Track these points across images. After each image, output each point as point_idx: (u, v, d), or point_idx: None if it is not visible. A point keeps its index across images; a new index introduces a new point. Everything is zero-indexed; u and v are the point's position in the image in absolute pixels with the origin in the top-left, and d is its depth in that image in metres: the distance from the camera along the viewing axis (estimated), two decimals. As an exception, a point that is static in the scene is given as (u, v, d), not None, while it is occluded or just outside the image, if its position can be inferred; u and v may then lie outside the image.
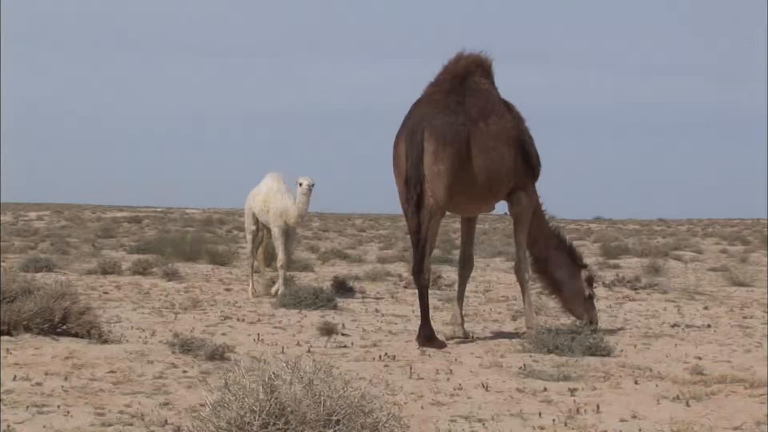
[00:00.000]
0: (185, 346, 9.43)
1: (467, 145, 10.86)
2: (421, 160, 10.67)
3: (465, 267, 11.73)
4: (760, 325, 12.89)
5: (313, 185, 14.96)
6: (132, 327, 11.43)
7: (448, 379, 8.64)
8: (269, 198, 15.36)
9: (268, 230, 15.59)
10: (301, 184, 14.94)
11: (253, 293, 15.31)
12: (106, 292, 15.26)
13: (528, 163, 11.48)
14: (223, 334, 11.16)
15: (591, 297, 11.84)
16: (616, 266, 24.47)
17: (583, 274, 11.83)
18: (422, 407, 7.54)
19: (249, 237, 15.96)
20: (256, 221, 15.74)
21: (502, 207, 11.84)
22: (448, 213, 11.47)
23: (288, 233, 15.29)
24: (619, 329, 12.33)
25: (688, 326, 12.68)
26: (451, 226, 39.78)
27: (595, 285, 12.32)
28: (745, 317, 13.75)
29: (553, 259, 11.85)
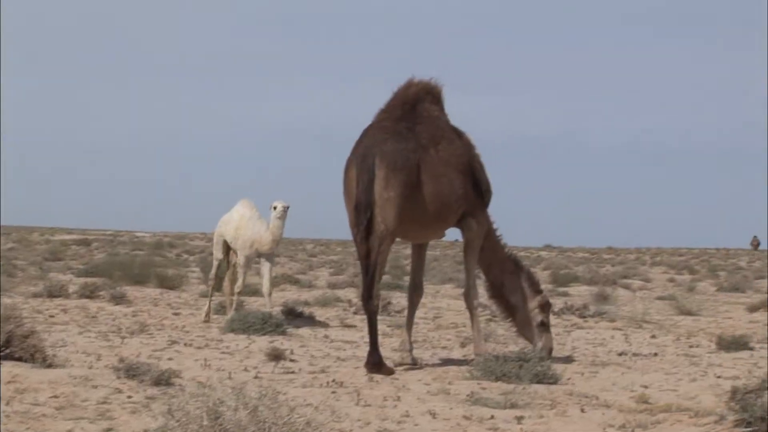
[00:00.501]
0: (131, 371, 9.33)
1: (417, 172, 10.89)
2: (371, 185, 10.68)
3: (415, 293, 11.73)
4: (705, 354, 12.99)
5: (287, 208, 14.87)
6: (77, 351, 11.31)
7: (395, 406, 8.62)
8: (241, 225, 15.21)
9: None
10: (275, 208, 14.83)
11: (206, 318, 15.17)
12: (51, 316, 15.10)
13: (478, 189, 11.52)
14: (170, 359, 11.06)
15: (544, 323, 11.84)
16: (566, 294, 24.57)
17: (538, 300, 11.85)
18: (369, 434, 7.50)
19: (215, 263, 15.81)
20: (226, 249, 15.58)
21: (453, 234, 11.88)
22: (399, 239, 11.49)
23: (264, 258, 15.13)
24: (567, 357, 12.37)
25: (635, 354, 12.75)
26: (402, 252, 39.83)
27: (552, 311, 12.32)
28: (691, 346, 13.84)
29: (508, 284, 11.86)
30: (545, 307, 11.88)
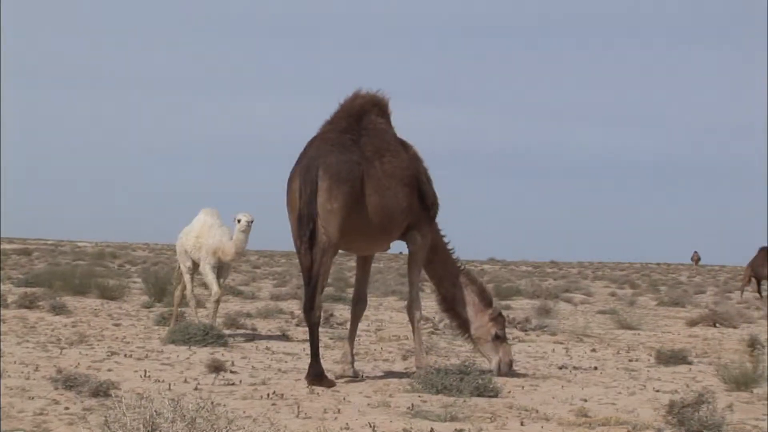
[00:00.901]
0: (69, 382, 9.24)
1: (361, 184, 10.89)
2: (314, 197, 10.67)
3: (358, 305, 11.71)
4: (645, 367, 13.09)
5: (252, 222, 14.43)
6: (15, 362, 11.17)
7: (335, 419, 8.60)
8: (203, 233, 14.77)
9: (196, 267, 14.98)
10: (239, 221, 14.39)
11: (174, 324, 14.73)
12: (-11, 326, 14.90)
13: (424, 202, 11.53)
14: (109, 370, 10.97)
15: (499, 336, 11.83)
16: (508, 307, 24.65)
17: (489, 313, 11.82)
18: (308, 447, 7.48)
19: (187, 277, 15.13)
20: (189, 257, 15.03)
21: (397, 246, 11.88)
22: (344, 251, 11.47)
23: (221, 267, 14.82)
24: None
25: (575, 368, 12.82)
26: (345, 264, 39.78)
27: (506, 323, 12.26)
28: (631, 360, 13.95)
29: (459, 297, 11.85)
30: (498, 319, 11.84)
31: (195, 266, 15.02)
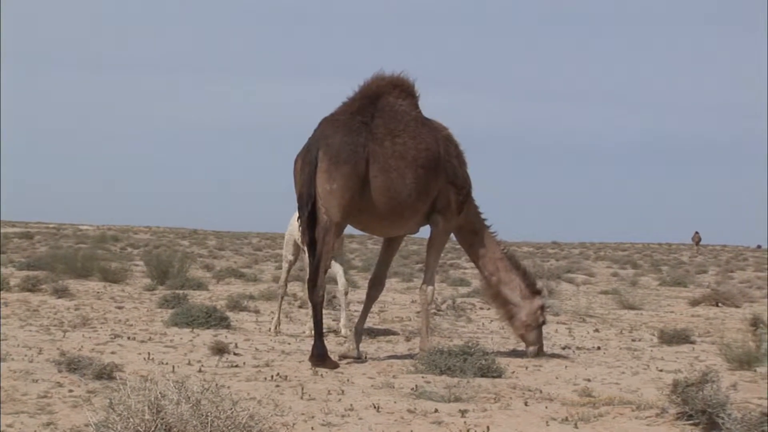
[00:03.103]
0: (72, 365, 9.24)
1: (366, 165, 10.86)
2: (313, 177, 10.67)
3: (375, 287, 11.69)
4: (648, 347, 13.10)
5: None
6: (18, 345, 11.17)
7: (339, 400, 8.60)
8: None
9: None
10: None
11: (276, 330, 13.61)
12: (-8, 309, 14.91)
13: (454, 185, 11.44)
14: (113, 352, 10.97)
15: (544, 323, 11.88)
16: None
17: (537, 301, 11.80)
18: (312, 428, 7.48)
19: (285, 266, 14.10)
20: (297, 249, 13.87)
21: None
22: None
23: (336, 258, 13.23)
24: (511, 351, 12.42)
25: (578, 348, 12.83)
26: (346, 246, 39.71)
27: (547, 312, 12.23)
28: (633, 340, 13.96)
29: (505, 281, 11.80)
30: (543, 308, 11.86)
31: (297, 259, 13.96)
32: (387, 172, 10.97)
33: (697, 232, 74.72)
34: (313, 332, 12.27)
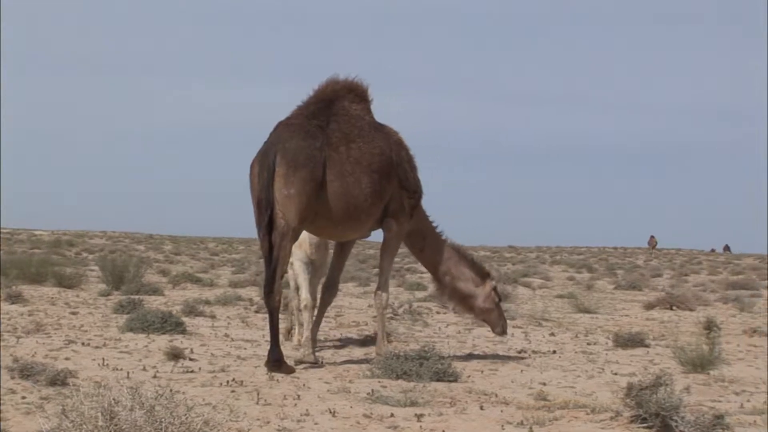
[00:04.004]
0: (25, 371, 9.16)
1: (323, 169, 10.85)
2: (271, 182, 10.64)
3: (328, 292, 11.70)
4: (603, 351, 13.17)
5: None
6: (-30, 351, 11.06)
7: (295, 405, 8.59)
8: None
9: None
10: None
11: (299, 341, 12.64)
12: (-56, 315, 14.75)
13: (406, 189, 11.51)
14: (67, 358, 10.89)
15: (501, 301, 12.26)
16: (467, 292, 24.73)
17: (489, 284, 12.07)
18: (268, 433, 7.46)
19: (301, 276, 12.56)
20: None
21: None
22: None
23: (314, 267, 12.41)
24: (468, 355, 12.45)
25: (534, 352, 12.87)
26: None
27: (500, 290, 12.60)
28: (589, 343, 14.03)
29: (457, 275, 11.99)
30: (496, 288, 12.17)
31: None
32: (343, 177, 10.97)
33: (652, 236, 75.39)
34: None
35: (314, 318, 11.66)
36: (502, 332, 12.26)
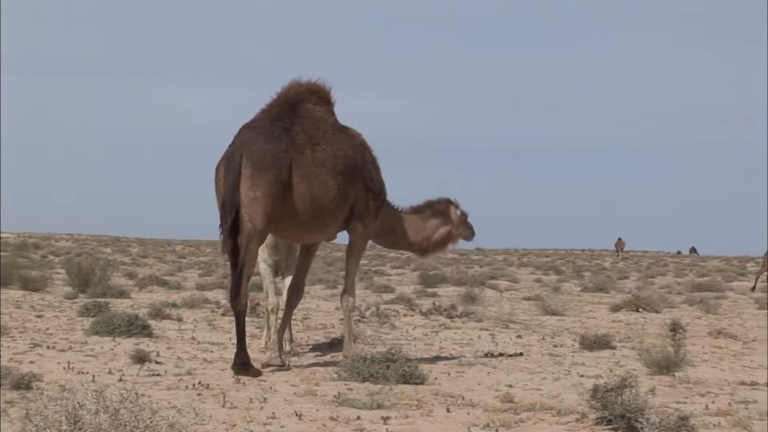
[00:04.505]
0: (-11, 375, 9.09)
1: (289, 172, 10.84)
2: (237, 185, 10.61)
3: (294, 295, 11.68)
4: (569, 353, 13.22)
5: None
6: (-66, 355, 10.97)
7: (261, 408, 8.57)
8: None
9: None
10: None
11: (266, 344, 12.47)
12: None
13: (371, 191, 11.52)
14: (32, 362, 10.82)
15: (464, 215, 12.27)
16: (434, 295, 24.79)
17: (451, 209, 12.13)
18: (234, 436, 7.44)
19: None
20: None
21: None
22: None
23: (281, 269, 12.35)
24: (435, 357, 12.47)
25: (501, 354, 12.91)
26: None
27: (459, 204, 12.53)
28: (555, 345, 14.08)
29: (431, 232, 12.05)
30: (456, 205, 12.22)
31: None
32: (309, 180, 10.96)
33: (620, 238, 75.58)
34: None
35: (282, 321, 11.63)
36: (471, 236, 12.32)
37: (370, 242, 11.98)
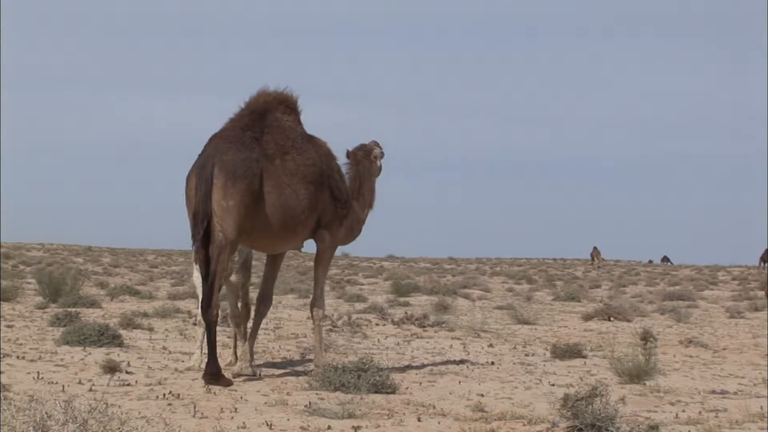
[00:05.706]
0: (-42, 386, 9.03)
1: (260, 181, 10.83)
2: (209, 194, 10.59)
3: (262, 304, 11.65)
4: (541, 362, 13.25)
5: None
6: None
7: (232, 418, 8.54)
8: None
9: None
10: None
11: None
12: None
13: (336, 200, 11.51)
14: (1, 372, 10.74)
15: (379, 155, 12.16)
16: (406, 304, 24.79)
17: (375, 163, 12.01)
18: (204, 447, 7.42)
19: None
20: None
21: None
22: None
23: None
24: (406, 366, 12.47)
25: (472, 363, 12.92)
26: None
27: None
28: (527, 354, 14.11)
29: (362, 203, 11.91)
30: (366, 150, 12.04)
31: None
32: (281, 189, 10.95)
33: (596, 248, 75.79)
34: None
35: (251, 331, 11.61)
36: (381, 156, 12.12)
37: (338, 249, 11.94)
